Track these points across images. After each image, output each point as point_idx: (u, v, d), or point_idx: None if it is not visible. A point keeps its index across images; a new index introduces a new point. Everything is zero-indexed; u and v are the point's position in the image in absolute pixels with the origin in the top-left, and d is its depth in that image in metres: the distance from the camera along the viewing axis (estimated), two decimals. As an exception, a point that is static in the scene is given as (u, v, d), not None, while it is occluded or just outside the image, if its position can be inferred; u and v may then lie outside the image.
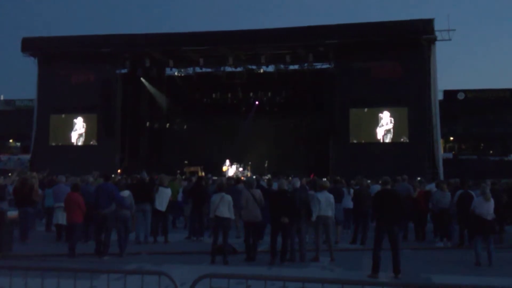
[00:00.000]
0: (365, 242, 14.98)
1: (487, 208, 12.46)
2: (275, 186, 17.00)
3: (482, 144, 49.94)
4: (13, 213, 14.06)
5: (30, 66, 40.12)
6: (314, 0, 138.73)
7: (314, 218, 12.75)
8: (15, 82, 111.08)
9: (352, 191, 17.59)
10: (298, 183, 13.43)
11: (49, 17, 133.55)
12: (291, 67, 39.65)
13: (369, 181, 19.01)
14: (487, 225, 12.40)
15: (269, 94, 43.04)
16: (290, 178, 22.69)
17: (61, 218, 14.89)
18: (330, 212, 13.03)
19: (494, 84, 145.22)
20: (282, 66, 39.31)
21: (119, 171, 27.53)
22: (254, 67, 40.26)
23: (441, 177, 30.36)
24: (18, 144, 54.59)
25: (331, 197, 13.28)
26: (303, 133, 42.93)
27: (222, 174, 35.94)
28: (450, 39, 34.26)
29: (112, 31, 75.16)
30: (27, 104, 50.74)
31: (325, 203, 12.95)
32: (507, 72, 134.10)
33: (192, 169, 38.39)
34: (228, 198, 12.73)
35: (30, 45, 39.31)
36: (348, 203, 17.22)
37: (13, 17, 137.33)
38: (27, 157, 41.91)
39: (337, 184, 17.46)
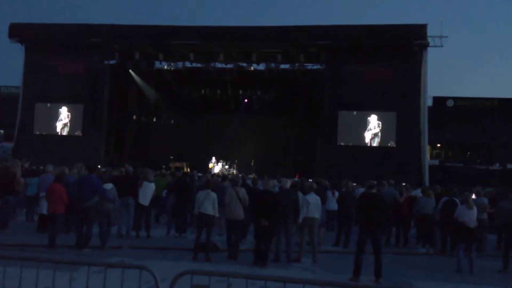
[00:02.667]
0: (348, 245, 14.98)
1: (470, 216, 12.52)
2: (259, 185, 16.99)
3: (468, 152, 50.26)
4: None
5: (16, 52, 39.74)
6: (308, 0, 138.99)
7: (300, 220, 12.72)
8: (0, 68, 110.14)
9: (336, 193, 17.63)
10: (287, 184, 13.37)
11: (39, 4, 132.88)
12: (282, 66, 39.57)
13: (354, 184, 19.06)
14: (469, 232, 12.46)
15: (259, 92, 43.00)
16: (277, 176, 22.71)
17: (45, 208, 14.74)
18: (317, 214, 13.03)
19: (483, 93, 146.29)
20: (273, 65, 39.19)
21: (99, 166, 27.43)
22: (244, 64, 40.12)
23: (427, 183, 30.48)
24: (1, 131, 54.16)
25: (318, 199, 13.30)
26: (291, 133, 42.92)
27: (208, 171, 35.86)
28: (442, 46, 34.39)
29: (103, 21, 74.76)
30: (12, 91, 50.26)
31: (313, 205, 12.94)
32: (497, 81, 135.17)
33: (178, 164, 38.33)
34: (213, 195, 12.69)
35: (17, 31, 38.86)
36: (332, 205, 17.27)
37: (1, 1, 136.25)
38: (10, 145, 41.57)
39: (318, 185, 17.46)
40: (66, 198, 13.16)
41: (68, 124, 38.90)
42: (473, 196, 15.43)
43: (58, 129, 39.06)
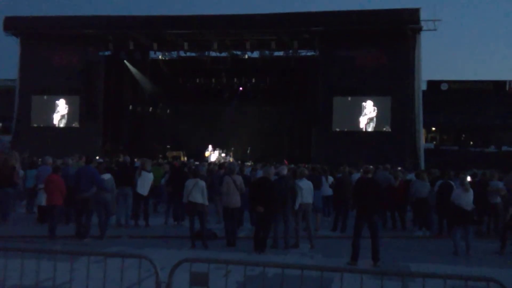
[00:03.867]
0: (345, 230, 15.06)
1: (466, 199, 12.58)
2: (259, 173, 17.06)
3: (463, 135, 50.32)
4: (-7, 194, 13.96)
5: (12, 45, 39.68)
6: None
7: (297, 206, 12.78)
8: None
9: (331, 178, 17.71)
10: (285, 171, 13.43)
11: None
12: (276, 53, 39.58)
13: (349, 169, 19.12)
14: (466, 215, 12.53)
15: (253, 80, 42.95)
16: (274, 163, 22.78)
17: (44, 200, 14.77)
18: (310, 200, 13.09)
19: (478, 76, 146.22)
20: (267, 52, 39.22)
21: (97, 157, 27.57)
22: (238, 52, 40.11)
23: (422, 167, 30.58)
24: (-1, 124, 54.03)
25: (311, 184, 13.34)
26: (286, 120, 42.95)
27: (204, 159, 35.88)
28: (435, 29, 34.39)
29: (96, 13, 74.52)
30: (9, 85, 50.15)
31: (306, 191, 12.99)
32: (491, 64, 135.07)
33: (175, 153, 38.35)
34: (202, 184, 12.70)
35: (12, 24, 38.83)
36: (327, 190, 17.33)
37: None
38: (8, 137, 41.57)
39: (314, 172, 17.55)
40: (64, 189, 13.20)
41: (66, 116, 38.93)
42: (468, 179, 15.45)
43: (55, 121, 39.11)
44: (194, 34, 37.91)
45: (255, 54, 40.04)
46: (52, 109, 39.04)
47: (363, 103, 35.34)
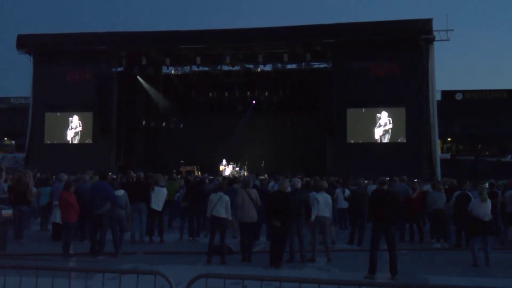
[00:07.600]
0: (362, 243, 14.92)
1: (484, 209, 12.43)
2: (273, 186, 16.97)
3: (479, 145, 50.00)
4: (7, 212, 13.95)
5: (25, 63, 39.94)
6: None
7: (312, 218, 12.68)
8: (10, 79, 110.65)
9: (347, 191, 17.58)
10: (299, 184, 13.34)
11: (45, 14, 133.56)
12: (289, 66, 39.60)
13: (366, 181, 19.01)
14: (484, 226, 12.37)
15: (266, 93, 42.91)
16: (288, 176, 22.67)
17: (58, 216, 14.75)
18: (327, 213, 12.98)
19: (492, 85, 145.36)
20: (279, 65, 39.26)
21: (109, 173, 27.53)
22: (251, 66, 40.13)
23: (439, 177, 30.31)
24: (13, 142, 54.47)
25: (329, 197, 13.26)
26: (300, 132, 42.76)
27: (219, 173, 35.79)
28: (448, 39, 34.20)
29: (109, 29, 74.96)
30: (22, 102, 50.56)
31: (323, 204, 12.89)
32: (505, 73, 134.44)
33: (189, 168, 38.27)
34: (226, 198, 12.64)
35: (25, 42, 39.07)
36: (343, 203, 17.22)
37: (9, 13, 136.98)
38: (22, 155, 41.75)
39: (329, 184, 17.43)
40: (77, 205, 13.14)
41: (79, 133, 39.00)
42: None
43: (69, 138, 39.17)
44: (206, 49, 38.00)
45: (268, 67, 40.11)
46: (66, 125, 39.11)
47: (378, 114, 35.11)
